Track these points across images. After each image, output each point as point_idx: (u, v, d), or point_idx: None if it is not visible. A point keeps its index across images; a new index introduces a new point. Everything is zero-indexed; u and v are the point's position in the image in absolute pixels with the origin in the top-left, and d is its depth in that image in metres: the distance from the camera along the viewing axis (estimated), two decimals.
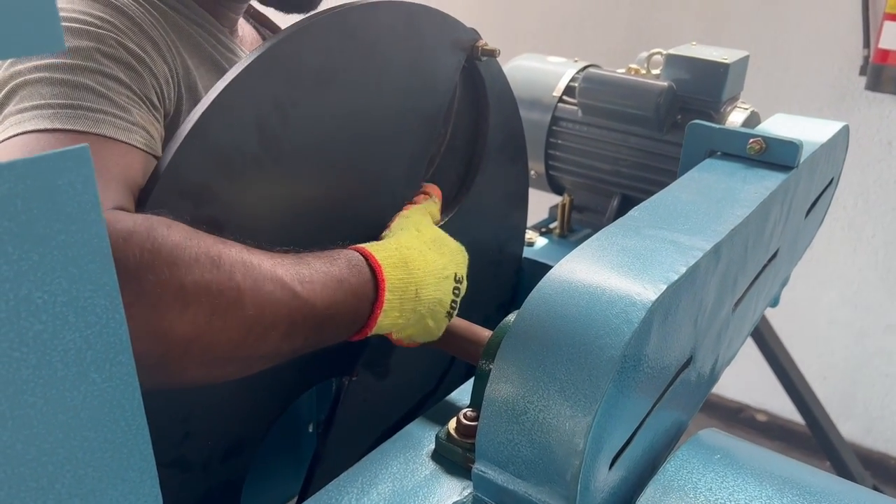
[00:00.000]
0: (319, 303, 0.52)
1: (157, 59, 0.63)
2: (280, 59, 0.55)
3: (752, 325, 0.87)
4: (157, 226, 0.45)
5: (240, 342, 0.47)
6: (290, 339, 0.51)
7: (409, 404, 0.86)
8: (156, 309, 0.43)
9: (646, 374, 0.55)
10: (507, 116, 0.82)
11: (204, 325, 0.45)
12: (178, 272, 0.44)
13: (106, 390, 0.39)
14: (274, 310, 0.49)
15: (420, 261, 0.61)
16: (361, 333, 0.58)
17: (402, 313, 0.59)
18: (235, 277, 0.46)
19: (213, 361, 0.47)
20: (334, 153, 0.62)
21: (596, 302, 0.52)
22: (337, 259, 0.56)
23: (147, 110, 0.59)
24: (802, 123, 0.93)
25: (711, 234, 0.62)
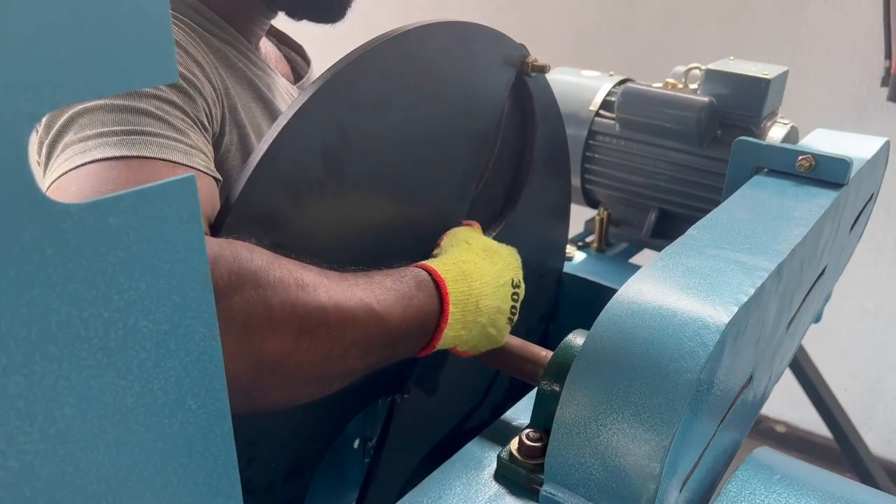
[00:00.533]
0: (394, 320, 0.53)
1: (204, 81, 0.63)
2: (343, 86, 0.55)
3: (799, 341, 0.87)
4: (241, 249, 0.45)
5: (324, 361, 0.47)
6: (367, 356, 0.51)
7: (456, 419, 0.86)
8: (245, 331, 0.43)
9: (715, 396, 0.54)
10: (552, 130, 0.82)
11: (292, 345, 0.45)
12: (264, 294, 0.44)
13: (201, 416, 0.39)
14: (355, 328, 0.49)
15: (477, 272, 0.61)
16: (428, 348, 0.58)
17: (465, 325, 0.60)
18: (320, 297, 0.47)
19: (298, 381, 0.47)
20: (391, 175, 0.62)
21: (668, 324, 0.52)
22: (405, 276, 0.57)
23: (200, 133, 0.60)
24: (844, 139, 0.93)
25: (774, 254, 0.62)
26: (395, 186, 0.63)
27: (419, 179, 0.65)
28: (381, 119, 0.59)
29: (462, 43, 0.64)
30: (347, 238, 0.60)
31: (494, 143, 0.75)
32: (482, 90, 0.68)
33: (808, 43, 2.04)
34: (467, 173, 0.70)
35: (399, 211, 0.64)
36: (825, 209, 0.71)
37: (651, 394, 0.49)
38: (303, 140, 0.53)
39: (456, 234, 0.66)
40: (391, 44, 0.57)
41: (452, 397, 0.83)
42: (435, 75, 0.62)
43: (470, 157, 0.70)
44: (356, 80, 0.56)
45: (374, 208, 0.62)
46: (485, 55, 0.67)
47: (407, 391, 0.74)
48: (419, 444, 0.79)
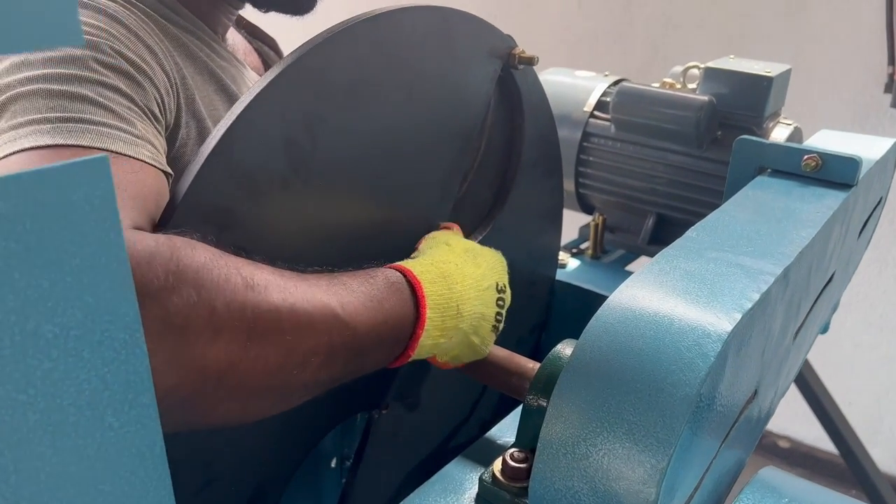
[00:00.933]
0: (361, 326, 0.47)
1: (156, 68, 0.59)
2: (308, 71, 0.50)
3: (806, 353, 0.82)
4: (182, 245, 0.40)
5: (278, 371, 0.42)
6: (330, 366, 0.46)
7: (441, 436, 0.80)
8: (184, 336, 0.38)
9: (717, 413, 0.49)
10: (542, 128, 0.77)
11: (240, 352, 0.40)
12: (207, 294, 0.39)
13: (125, 437, 0.34)
14: (314, 334, 0.44)
15: (458, 274, 0.56)
16: (402, 358, 0.53)
17: (445, 332, 0.55)
18: (272, 298, 0.42)
19: (250, 394, 0.42)
20: (365, 171, 0.57)
21: (665, 333, 0.47)
22: (375, 278, 0.52)
23: (150, 122, 0.55)
24: (852, 139, 0.88)
25: (779, 257, 0.57)
26: (369, 185, 0.58)
27: (396, 178, 0.60)
28: (352, 111, 0.54)
29: (441, 30, 0.59)
30: (315, 241, 0.55)
31: (480, 140, 0.70)
32: (465, 82, 0.64)
33: (809, 49, 2.00)
34: (450, 172, 0.65)
35: (374, 212, 0.59)
36: (834, 211, 0.67)
37: (646, 410, 0.44)
38: (262, 129, 0.48)
39: (436, 236, 0.62)
40: (360, 28, 0.53)
41: (436, 413, 0.77)
42: (411, 64, 0.58)
43: (452, 154, 0.65)
44: (321, 67, 0.51)
45: (346, 209, 0.57)
46: (467, 44, 0.62)
47: (385, 406, 0.69)
48: (399, 463, 0.74)
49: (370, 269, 0.53)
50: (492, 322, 0.59)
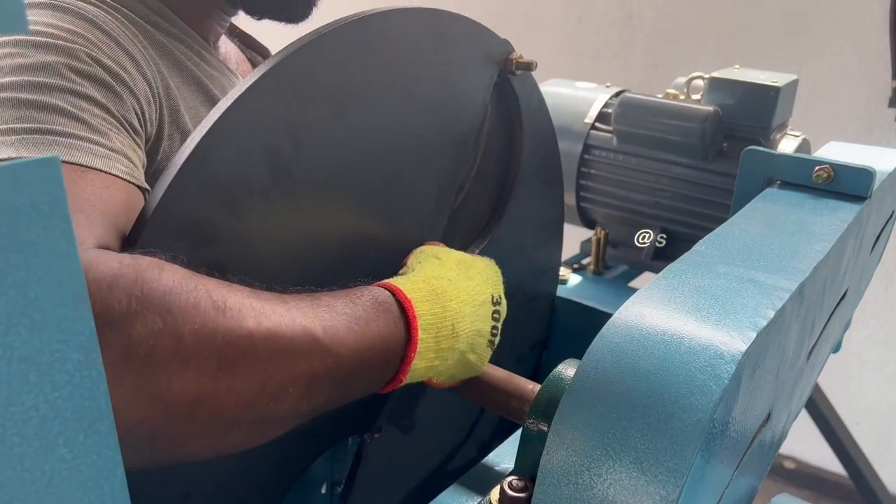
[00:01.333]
0: (345, 351, 0.44)
1: (137, 77, 0.56)
2: (290, 76, 0.47)
3: (819, 373, 0.78)
4: (148, 267, 0.37)
5: (253, 402, 0.39)
6: (311, 395, 0.43)
7: (437, 459, 0.77)
8: (149, 367, 0.35)
9: (731, 439, 0.46)
10: (542, 137, 0.74)
11: (210, 383, 0.37)
12: (174, 321, 0.36)
13: (79, 469, 0.31)
14: (293, 361, 0.41)
15: (452, 290, 0.53)
16: (393, 383, 0.50)
17: (440, 354, 0.51)
18: (246, 324, 0.38)
19: (222, 428, 0.39)
20: (354, 181, 0.54)
21: (674, 354, 0.44)
22: (360, 297, 0.48)
23: (127, 134, 0.52)
24: (861, 151, 0.85)
25: (794, 273, 0.54)
26: (358, 196, 0.55)
27: (387, 189, 0.57)
28: (339, 117, 0.51)
29: (434, 33, 0.56)
30: (300, 256, 0.52)
31: (476, 149, 0.67)
32: (460, 88, 0.61)
33: (812, 64, 1.99)
34: (444, 182, 0.62)
35: (363, 225, 0.56)
36: (848, 224, 0.64)
37: (655, 437, 0.41)
38: (240, 138, 0.45)
39: (424, 250, 0.58)
40: (347, 30, 0.50)
41: (431, 435, 0.74)
42: (403, 68, 0.55)
43: (447, 164, 0.62)
44: (305, 72, 0.48)
45: (333, 221, 0.53)
46: (462, 49, 0.60)
47: (377, 429, 0.66)
48: (393, 489, 0.70)
49: (356, 288, 0.49)
50: (488, 337, 0.55)
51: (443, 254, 0.57)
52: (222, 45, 0.75)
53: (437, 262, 0.55)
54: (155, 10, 0.64)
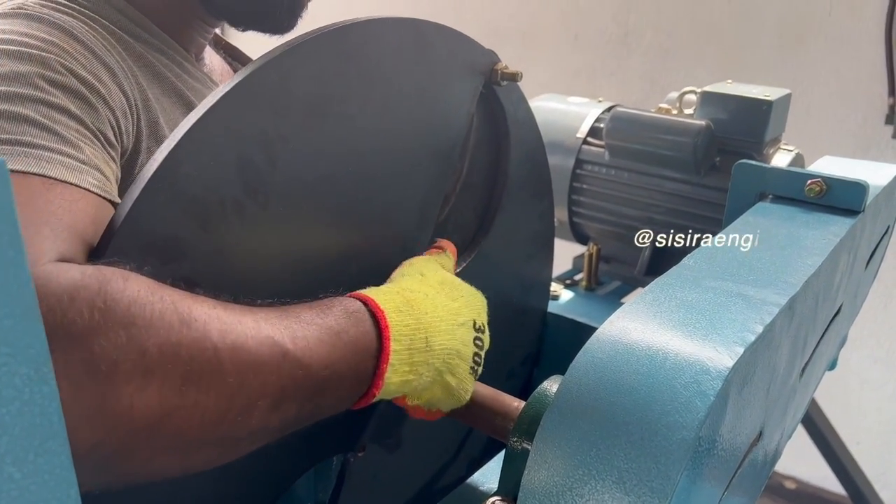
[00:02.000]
0: (315, 363, 0.43)
1: (113, 88, 0.55)
2: (265, 87, 0.46)
3: (813, 391, 0.77)
4: (111, 278, 0.36)
5: (220, 418, 0.38)
6: (281, 410, 0.41)
7: (425, 477, 0.75)
8: (111, 383, 0.33)
9: (718, 458, 0.45)
10: (530, 148, 0.73)
11: (174, 398, 0.35)
12: (137, 334, 0.34)
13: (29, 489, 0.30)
14: (260, 375, 0.39)
15: (427, 304, 0.51)
16: (367, 397, 0.48)
17: (413, 368, 0.49)
18: (211, 336, 0.37)
19: (188, 445, 0.37)
20: (333, 195, 0.53)
21: (659, 369, 0.42)
22: (331, 308, 0.47)
23: (101, 147, 0.51)
24: (855, 166, 0.84)
25: (784, 287, 0.52)
26: (338, 209, 0.53)
27: (368, 201, 0.56)
28: (317, 128, 0.50)
29: (417, 44, 0.56)
30: (277, 272, 0.50)
31: (462, 160, 0.66)
32: (443, 99, 0.60)
33: (808, 81, 1.99)
34: (429, 195, 0.61)
35: (344, 239, 0.55)
36: (840, 238, 0.62)
37: (639, 456, 0.40)
38: (211, 150, 0.44)
39: (413, 263, 0.57)
40: (324, 40, 0.49)
41: (418, 453, 0.72)
42: (383, 80, 0.54)
43: (431, 176, 0.61)
44: (280, 83, 0.47)
45: (312, 235, 0.52)
46: (445, 59, 0.59)
47: (361, 448, 0.64)
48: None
49: (327, 299, 0.48)
50: (469, 362, 0.54)
51: (428, 271, 0.55)
52: (207, 56, 0.74)
53: (420, 278, 0.54)
54: (136, 21, 0.63)
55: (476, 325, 0.55)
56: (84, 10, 0.59)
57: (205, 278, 0.45)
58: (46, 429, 0.29)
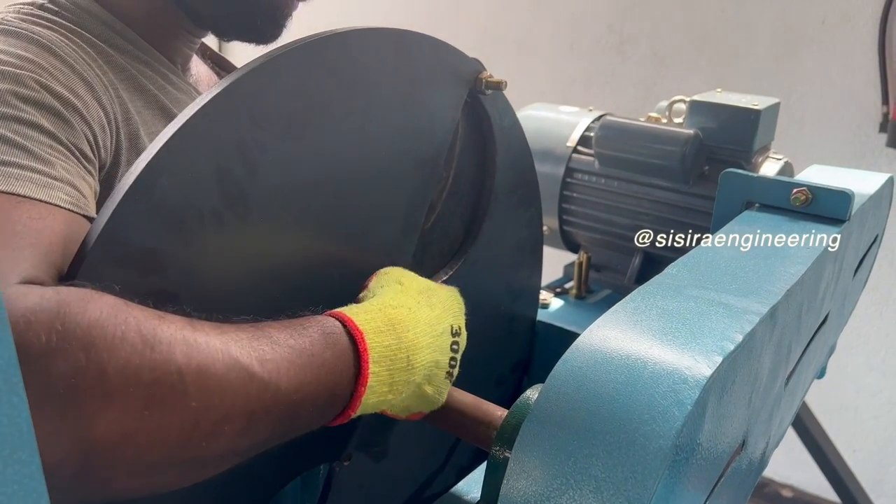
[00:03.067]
0: (286, 385, 0.42)
1: (91, 103, 0.55)
2: (244, 98, 0.46)
3: (801, 399, 0.77)
4: (72, 300, 0.35)
5: (183, 442, 0.37)
6: (250, 433, 0.41)
7: (413, 486, 0.75)
8: (69, 406, 0.33)
9: (698, 467, 0.45)
10: (516, 156, 0.73)
11: (135, 422, 0.35)
12: (97, 357, 0.34)
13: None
14: (226, 398, 0.39)
15: (411, 320, 0.51)
16: (342, 417, 0.48)
17: (393, 387, 0.49)
18: (175, 358, 0.37)
19: (151, 468, 0.37)
20: (315, 205, 0.53)
21: (638, 378, 0.42)
22: (307, 328, 0.46)
23: (76, 163, 0.51)
24: (844, 175, 0.84)
25: (766, 296, 0.53)
26: (320, 220, 0.53)
27: (351, 211, 0.56)
28: (297, 140, 0.50)
29: (398, 53, 0.56)
30: (259, 283, 0.50)
31: (448, 168, 0.66)
32: (427, 109, 0.60)
33: (802, 90, 1.99)
34: (413, 204, 0.61)
35: (326, 249, 0.55)
36: (825, 247, 0.63)
37: (616, 465, 0.40)
38: (190, 161, 0.44)
39: (389, 273, 0.56)
40: (303, 51, 0.49)
41: (406, 461, 0.72)
42: (365, 90, 0.54)
43: (416, 184, 0.61)
44: (260, 93, 0.47)
45: (293, 246, 0.52)
46: (428, 69, 0.59)
47: (347, 457, 0.64)
48: None
49: (304, 318, 0.47)
50: (446, 369, 0.53)
51: (406, 279, 0.55)
52: (193, 66, 0.75)
53: (399, 287, 0.53)
54: (120, 33, 0.63)
55: (453, 330, 0.54)
56: (66, 22, 0.60)
57: (185, 290, 0.45)
58: (16, 439, 0.29)
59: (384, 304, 0.51)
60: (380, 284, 0.54)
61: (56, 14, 0.60)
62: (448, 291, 0.57)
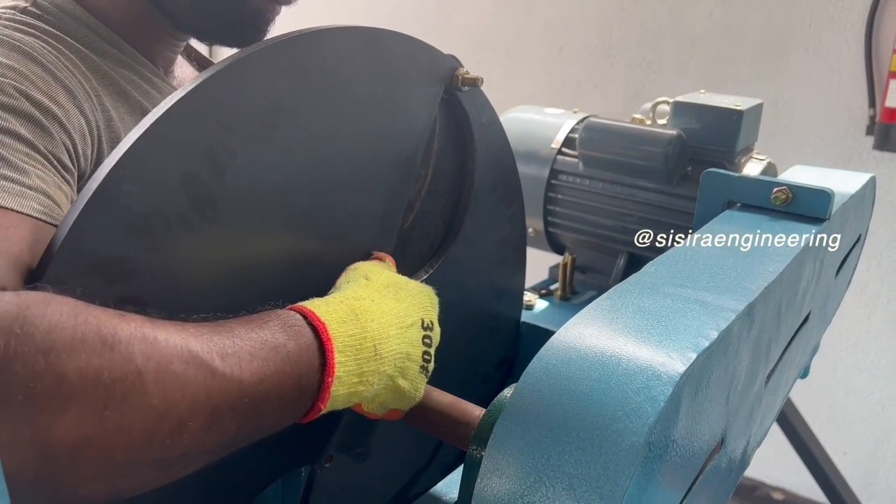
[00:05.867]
0: (248, 378, 0.41)
1: (72, 111, 0.55)
2: (209, 101, 0.46)
3: (784, 399, 0.77)
4: (31, 304, 0.35)
5: (146, 441, 0.37)
6: (216, 430, 0.40)
7: (397, 486, 0.74)
8: (27, 411, 0.33)
9: (673, 464, 0.44)
10: (496, 152, 0.73)
11: (95, 424, 0.34)
12: (56, 359, 0.34)
13: None
14: (188, 394, 0.38)
15: (374, 310, 0.50)
16: (313, 411, 0.47)
17: (363, 378, 0.48)
18: (134, 359, 0.36)
19: (115, 470, 0.36)
20: (288, 207, 0.52)
21: (611, 375, 0.42)
22: (267, 322, 0.45)
23: (53, 172, 0.50)
24: (826, 175, 0.85)
25: (743, 293, 0.53)
26: (293, 223, 0.53)
27: (325, 212, 0.55)
28: (268, 142, 0.49)
29: (371, 52, 0.55)
30: (231, 287, 0.50)
31: (426, 166, 0.66)
32: (402, 106, 0.60)
33: (789, 93, 2.00)
34: (390, 203, 0.61)
35: (301, 250, 0.54)
36: (805, 245, 0.63)
37: (588, 463, 0.40)
38: (155, 167, 0.43)
39: (357, 268, 0.56)
40: (271, 52, 0.48)
41: (389, 461, 0.72)
42: (337, 89, 0.53)
43: (392, 183, 0.60)
44: (227, 95, 0.46)
45: (266, 249, 0.51)
46: (402, 66, 0.59)
47: (328, 458, 0.64)
48: None
49: (265, 313, 0.47)
50: (419, 362, 0.53)
51: (373, 274, 0.55)
52: (178, 69, 0.74)
53: (365, 282, 0.53)
54: (103, 37, 0.63)
55: (424, 324, 0.54)
56: (49, 27, 0.59)
57: (154, 297, 0.44)
58: None
59: (347, 297, 0.50)
60: (346, 280, 0.54)
61: (38, 18, 0.60)
62: (418, 286, 0.56)
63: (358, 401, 0.50)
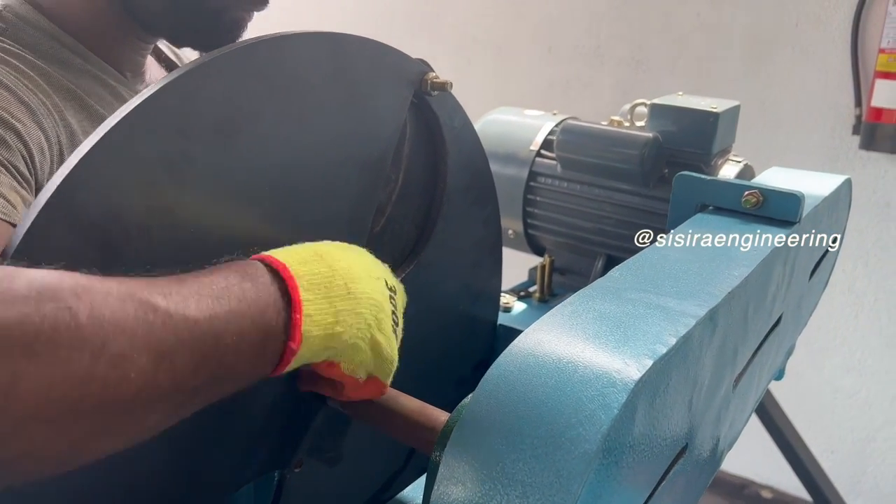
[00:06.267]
0: (195, 314, 0.40)
1: (30, 125, 0.55)
2: (166, 108, 0.45)
3: (756, 401, 0.77)
4: None
5: (87, 378, 0.35)
6: (165, 367, 0.38)
7: (371, 489, 0.74)
8: None
9: (631, 469, 0.44)
10: (468, 155, 0.73)
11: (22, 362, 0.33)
12: None
13: None
14: (126, 330, 0.37)
15: (338, 254, 0.49)
16: (287, 354, 0.45)
17: (339, 318, 0.46)
18: (66, 299, 0.35)
19: (60, 414, 0.35)
20: (251, 213, 0.52)
21: (566, 382, 0.42)
22: (220, 269, 0.44)
23: (8, 176, 0.51)
24: (800, 177, 0.85)
25: (706, 298, 0.53)
26: (258, 227, 0.53)
27: (290, 217, 0.55)
28: (228, 148, 0.49)
29: (335, 57, 0.55)
30: None
31: (396, 171, 0.66)
32: (369, 112, 0.60)
33: (777, 92, 2.00)
34: (359, 207, 0.61)
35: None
36: (772, 249, 0.63)
37: (542, 470, 0.40)
38: (110, 174, 0.43)
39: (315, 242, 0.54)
40: (230, 59, 0.48)
41: (363, 465, 0.72)
42: (299, 96, 0.53)
43: (361, 188, 0.60)
44: (183, 103, 0.46)
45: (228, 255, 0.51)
46: (368, 72, 0.59)
47: (298, 463, 0.64)
48: None
49: (218, 264, 0.46)
50: (390, 316, 0.52)
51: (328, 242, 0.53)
52: (147, 72, 0.74)
53: (321, 243, 0.51)
54: (67, 46, 0.63)
55: (388, 285, 0.53)
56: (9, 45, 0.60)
57: None
58: None
59: (308, 245, 0.49)
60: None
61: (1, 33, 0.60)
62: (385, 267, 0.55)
63: (337, 353, 0.48)
